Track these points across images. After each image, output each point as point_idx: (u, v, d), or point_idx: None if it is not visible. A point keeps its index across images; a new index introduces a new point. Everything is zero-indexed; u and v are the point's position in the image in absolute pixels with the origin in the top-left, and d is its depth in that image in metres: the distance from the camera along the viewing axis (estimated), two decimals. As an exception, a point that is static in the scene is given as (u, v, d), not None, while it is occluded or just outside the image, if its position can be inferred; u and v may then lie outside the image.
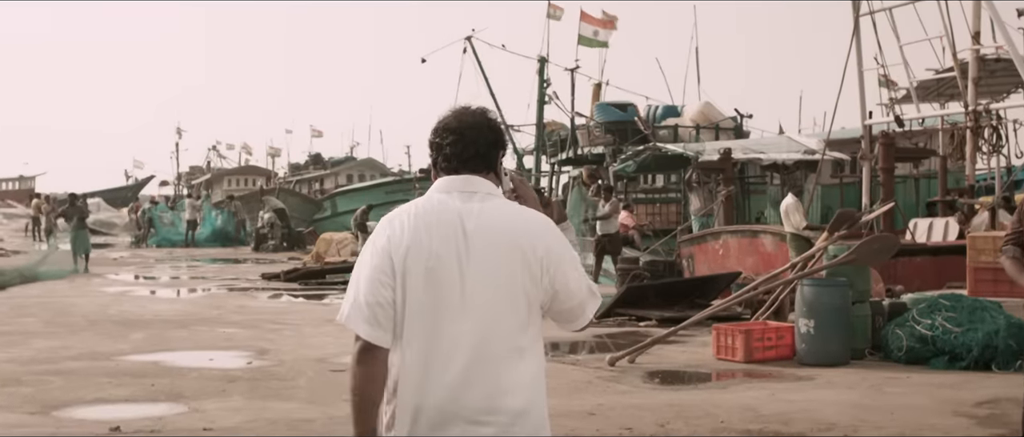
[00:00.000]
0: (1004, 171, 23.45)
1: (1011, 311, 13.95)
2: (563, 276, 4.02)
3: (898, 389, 12.35)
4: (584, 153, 34.79)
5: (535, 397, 3.97)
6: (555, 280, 4.00)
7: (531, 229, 4.03)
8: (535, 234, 4.00)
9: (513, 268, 3.95)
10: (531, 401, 3.95)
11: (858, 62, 24.38)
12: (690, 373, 13.84)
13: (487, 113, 4.16)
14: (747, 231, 23.41)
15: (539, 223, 4.06)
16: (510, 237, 3.97)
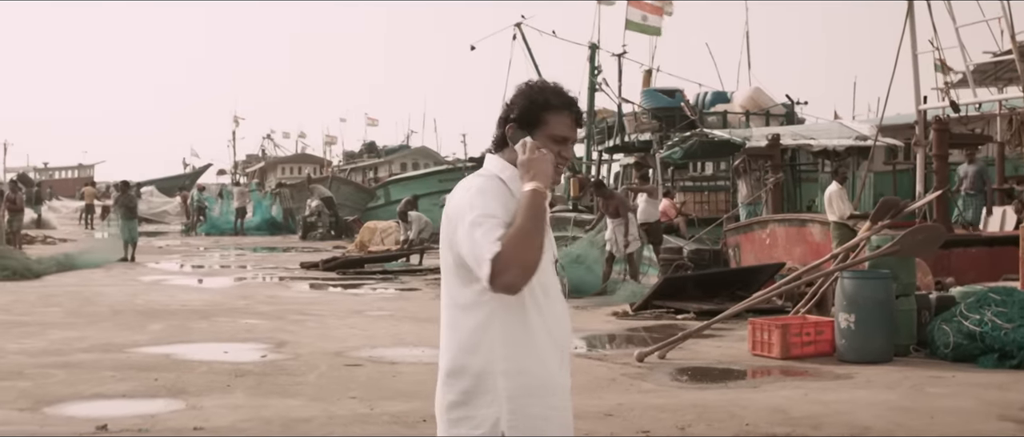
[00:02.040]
0: (1065, 158, 22.51)
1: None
2: (456, 232, 4.04)
3: (941, 389, 11.56)
4: (631, 140, 34.09)
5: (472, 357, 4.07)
6: (454, 235, 4.05)
7: (454, 191, 4.19)
8: (453, 194, 4.16)
9: (445, 230, 4.15)
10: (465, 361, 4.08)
11: (912, 45, 23.49)
12: (722, 370, 13.09)
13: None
14: (795, 220, 22.66)
15: (462, 185, 4.18)
16: (448, 204, 4.17)
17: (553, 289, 4.17)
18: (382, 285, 25.06)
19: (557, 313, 4.18)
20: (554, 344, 4.14)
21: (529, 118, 4.11)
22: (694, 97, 34.44)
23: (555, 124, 4.11)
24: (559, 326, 4.17)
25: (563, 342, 4.19)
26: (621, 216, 21.64)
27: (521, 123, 4.11)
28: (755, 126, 31.24)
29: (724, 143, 27.82)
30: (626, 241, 21.44)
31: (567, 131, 4.14)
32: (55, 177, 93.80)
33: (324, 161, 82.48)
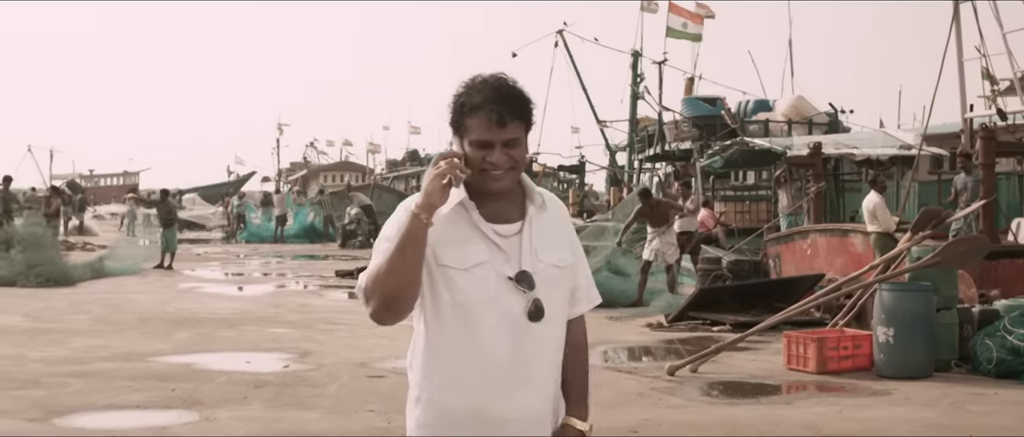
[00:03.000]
0: (1114, 168, 21.89)
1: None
2: None
3: (982, 407, 11.10)
4: (671, 149, 33.69)
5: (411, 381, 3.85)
6: None
7: None
8: None
9: None
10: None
11: (958, 52, 23.07)
12: (755, 385, 12.65)
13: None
14: (837, 230, 22.13)
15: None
16: None
17: (495, 310, 3.65)
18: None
19: (495, 338, 3.64)
20: (486, 371, 3.64)
21: (455, 124, 3.69)
22: (736, 105, 34.00)
23: (473, 127, 3.61)
24: (498, 351, 3.64)
25: (505, 369, 3.65)
26: (665, 225, 21.28)
27: (453, 131, 3.72)
28: (797, 135, 30.77)
29: (765, 152, 27.34)
30: (669, 251, 21.08)
31: (485, 133, 3.59)
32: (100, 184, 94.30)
33: (366, 169, 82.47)
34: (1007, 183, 25.70)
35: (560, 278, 3.75)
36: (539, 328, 3.67)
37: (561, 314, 3.77)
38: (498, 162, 3.61)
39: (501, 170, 3.62)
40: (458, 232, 3.65)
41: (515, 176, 3.69)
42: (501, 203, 3.69)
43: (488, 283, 3.64)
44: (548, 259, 3.70)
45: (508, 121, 3.60)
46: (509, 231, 3.69)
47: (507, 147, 3.61)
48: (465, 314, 3.65)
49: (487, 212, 3.67)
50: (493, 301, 3.64)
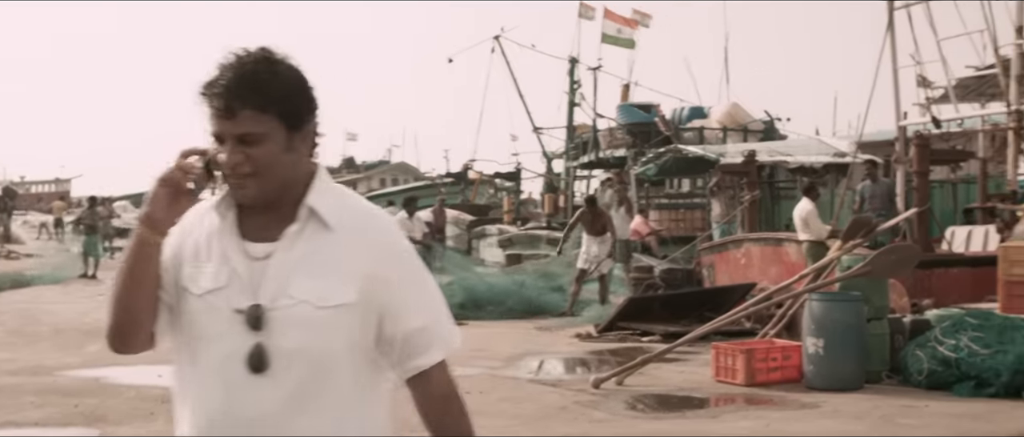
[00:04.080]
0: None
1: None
2: None
3: (913, 420, 10.80)
4: (606, 156, 33.44)
5: None
6: None
7: None
8: None
9: None
10: None
11: (892, 59, 22.89)
12: (682, 398, 12.29)
13: None
14: (771, 239, 21.92)
15: None
16: None
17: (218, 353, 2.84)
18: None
19: (210, 390, 2.84)
20: (196, 420, 2.87)
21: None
22: (671, 112, 33.82)
23: (208, 117, 2.83)
24: (211, 407, 2.84)
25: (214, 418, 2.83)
26: (606, 233, 20.97)
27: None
28: (732, 142, 30.63)
29: (699, 160, 27.14)
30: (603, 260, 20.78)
31: (214, 125, 2.81)
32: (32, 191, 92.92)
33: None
34: (941, 191, 25.64)
35: (322, 322, 2.81)
36: (265, 384, 2.80)
37: (315, 369, 2.82)
38: (230, 163, 2.81)
39: (237, 175, 2.83)
40: (209, 247, 2.90)
41: (262, 184, 2.84)
42: (269, 215, 2.87)
43: (219, 316, 2.84)
44: (302, 293, 2.81)
45: (238, 109, 2.77)
46: (260, 252, 2.86)
47: (244, 144, 2.79)
48: (192, 355, 2.88)
49: (251, 225, 2.89)
50: (218, 339, 2.84)
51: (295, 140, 2.85)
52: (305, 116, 2.88)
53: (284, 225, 2.84)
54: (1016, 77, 21.30)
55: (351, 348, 2.86)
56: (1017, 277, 14.15)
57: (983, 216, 21.81)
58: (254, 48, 2.85)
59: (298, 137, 2.85)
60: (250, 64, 2.80)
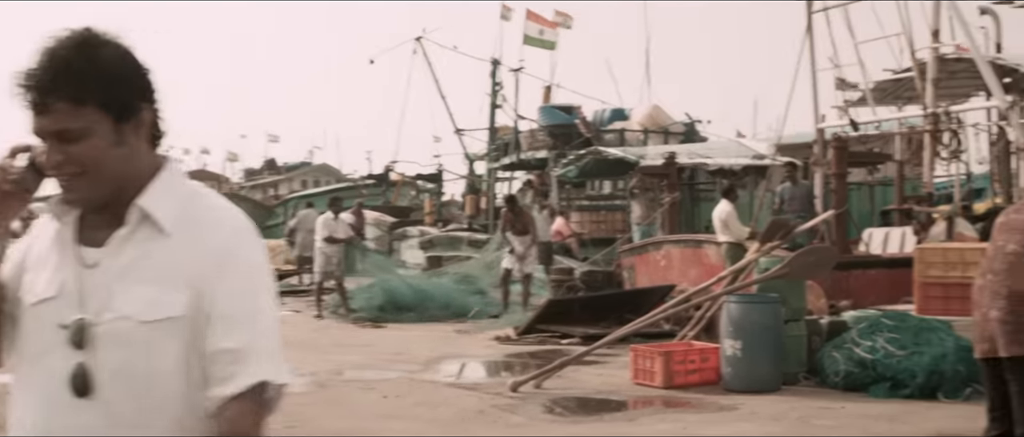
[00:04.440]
0: (963, 178, 22.02)
1: (961, 332, 12.38)
2: None
3: (829, 422, 10.80)
4: (527, 158, 33.36)
5: None
6: None
7: None
8: None
9: None
10: None
11: (811, 62, 23.06)
12: (600, 401, 12.22)
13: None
14: (690, 241, 21.94)
15: None
16: None
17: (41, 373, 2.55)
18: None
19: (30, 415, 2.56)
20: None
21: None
22: (593, 114, 33.80)
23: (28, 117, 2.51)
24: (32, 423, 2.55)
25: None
26: (529, 234, 20.86)
27: None
28: (653, 144, 30.64)
29: (619, 162, 27.13)
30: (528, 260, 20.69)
31: (31, 123, 2.49)
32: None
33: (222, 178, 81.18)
34: (858, 193, 25.81)
35: (148, 339, 2.47)
36: (89, 409, 2.48)
37: (142, 391, 2.47)
38: (50, 163, 2.51)
39: (62, 175, 2.52)
40: (49, 252, 2.61)
41: (91, 184, 2.52)
42: (105, 217, 2.57)
43: (44, 331, 2.54)
44: (125, 306, 2.48)
45: (51, 103, 2.45)
46: (91, 259, 2.54)
47: (63, 141, 2.48)
48: (19, 373, 2.60)
49: (88, 227, 2.59)
50: (41, 357, 2.54)
51: (126, 133, 2.52)
52: (135, 105, 2.54)
53: (117, 228, 2.55)
54: (932, 80, 21.47)
55: (183, 367, 2.49)
56: (932, 278, 14.21)
57: (900, 218, 21.94)
58: (74, 30, 2.52)
59: (129, 129, 2.52)
60: (63, 51, 2.47)
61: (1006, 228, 6.59)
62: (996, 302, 6.47)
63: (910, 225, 20.73)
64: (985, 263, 6.72)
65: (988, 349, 6.55)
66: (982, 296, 6.65)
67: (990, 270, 6.60)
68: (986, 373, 6.72)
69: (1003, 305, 6.41)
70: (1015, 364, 6.38)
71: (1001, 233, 6.64)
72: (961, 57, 22.76)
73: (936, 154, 21.60)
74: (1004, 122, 21.21)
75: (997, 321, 6.43)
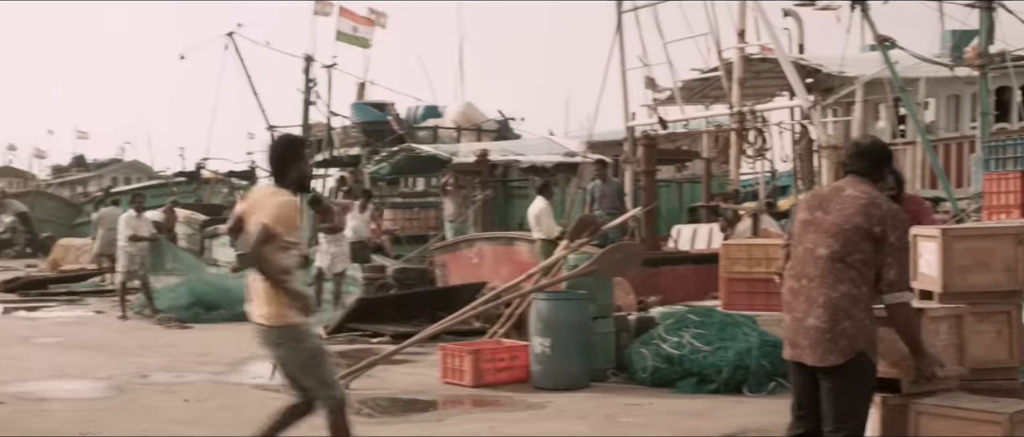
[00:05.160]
0: (768, 175, 22.48)
1: (765, 327, 12.59)
2: None
3: (635, 419, 10.84)
4: (340, 155, 33.01)
5: None
6: None
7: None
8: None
9: None
10: None
11: (621, 61, 23.34)
12: (408, 400, 12.07)
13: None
14: (503, 238, 21.97)
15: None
16: None
17: None
18: (65, 309, 23.08)
19: None
20: None
21: None
22: (407, 111, 33.63)
23: None
24: None
25: None
26: (338, 232, 20.56)
27: None
28: (466, 142, 30.62)
29: (432, 159, 27.04)
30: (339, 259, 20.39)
31: None
32: None
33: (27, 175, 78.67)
34: (667, 190, 26.16)
35: None
36: None
37: None
38: None
39: None
40: None
41: None
42: None
43: None
44: None
45: None
46: None
47: None
48: None
49: None
50: None
51: None
52: None
53: None
54: (738, 80, 21.89)
55: None
56: (737, 274, 14.44)
57: (707, 215, 22.31)
58: None
59: None
60: None
61: (814, 228, 6.55)
62: (813, 310, 6.45)
63: (717, 222, 21.08)
64: (796, 265, 6.66)
65: (801, 355, 6.52)
66: (796, 300, 6.58)
67: (804, 274, 6.55)
68: (795, 375, 6.69)
69: (821, 313, 6.40)
70: (831, 372, 6.38)
71: (808, 233, 6.59)
72: (766, 57, 23.32)
73: (742, 152, 22.03)
74: (807, 121, 21.71)
75: (814, 329, 6.42)
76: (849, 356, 6.35)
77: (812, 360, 6.45)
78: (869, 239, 6.38)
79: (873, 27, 19.23)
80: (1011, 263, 7.35)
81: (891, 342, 6.62)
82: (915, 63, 20.74)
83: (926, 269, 7.48)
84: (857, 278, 6.39)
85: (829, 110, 25.06)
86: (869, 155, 6.75)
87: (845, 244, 6.41)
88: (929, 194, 19.24)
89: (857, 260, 6.39)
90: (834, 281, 6.40)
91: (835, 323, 6.36)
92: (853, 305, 6.36)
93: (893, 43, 19.22)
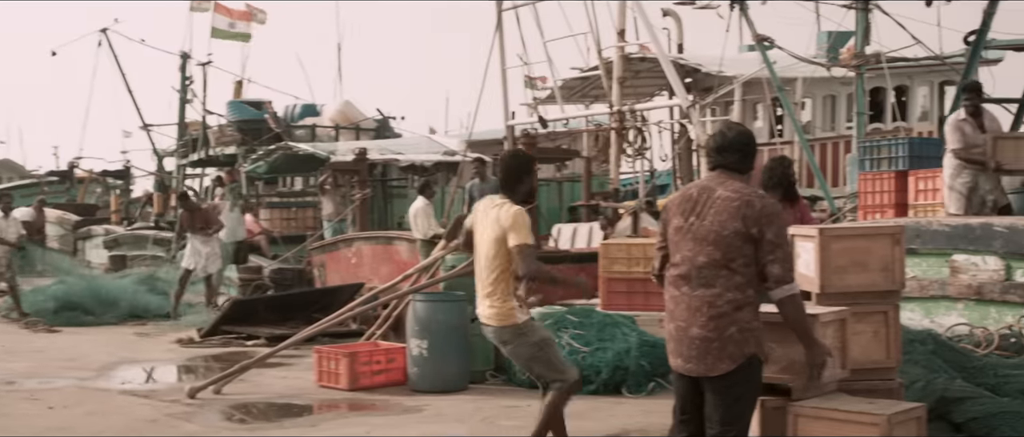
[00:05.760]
0: (648, 174, 22.50)
1: (645, 327, 12.53)
2: None
3: (514, 421, 10.65)
4: (216, 154, 32.48)
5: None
6: None
7: None
8: None
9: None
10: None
11: (501, 59, 23.16)
12: (282, 405, 11.78)
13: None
14: (382, 238, 21.72)
15: None
16: None
17: None
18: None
19: None
20: None
21: None
22: (284, 110, 33.17)
23: None
24: None
25: None
26: (206, 232, 20.13)
27: None
28: (345, 140, 30.30)
29: (309, 157, 26.73)
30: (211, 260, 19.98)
31: None
32: None
33: None
34: (547, 190, 26.13)
35: None
36: None
37: None
38: None
39: None
40: None
41: None
42: None
43: None
44: None
45: None
46: None
47: None
48: None
49: None
50: None
51: None
52: None
53: None
54: (618, 79, 21.87)
55: None
56: (616, 274, 14.39)
57: (587, 214, 22.27)
58: None
59: None
60: None
61: (692, 235, 6.31)
62: (697, 319, 6.25)
63: (597, 221, 21.04)
64: (676, 273, 6.41)
65: (688, 366, 6.30)
66: (678, 308, 6.37)
67: (684, 283, 6.33)
68: (679, 381, 6.48)
69: (705, 322, 6.20)
70: (719, 380, 6.21)
71: (685, 240, 6.35)
72: (645, 57, 23.37)
73: (622, 151, 21.99)
74: (686, 120, 21.74)
75: (700, 339, 6.22)
76: (739, 361, 6.19)
77: (701, 371, 6.26)
78: (749, 242, 6.20)
79: (752, 27, 19.34)
80: (888, 263, 7.31)
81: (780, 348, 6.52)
82: (793, 63, 20.90)
83: (804, 269, 7.42)
84: (741, 282, 6.22)
85: (708, 110, 25.25)
86: (737, 147, 6.45)
87: (726, 251, 6.22)
88: (807, 193, 19.36)
89: (739, 265, 6.21)
90: (718, 289, 6.21)
91: (722, 331, 6.18)
92: (738, 310, 6.20)
93: (771, 43, 19.32)
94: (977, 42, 16.86)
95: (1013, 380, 9.25)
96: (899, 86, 23.90)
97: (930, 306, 12.16)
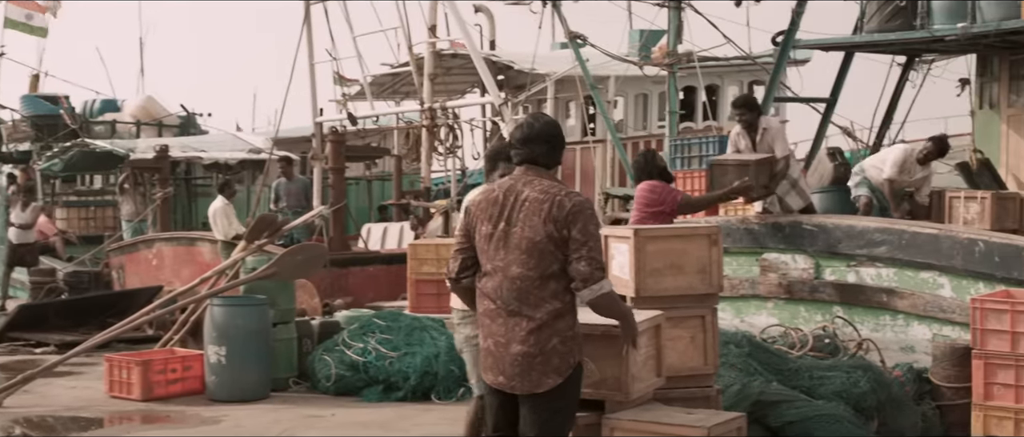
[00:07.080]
0: (460, 173, 22.18)
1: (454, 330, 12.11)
2: None
3: (316, 432, 10.20)
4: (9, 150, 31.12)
5: None
6: None
7: None
8: None
9: None
10: None
11: (309, 55, 22.58)
12: (70, 418, 11.04)
13: None
14: (184, 239, 21.02)
15: None
16: None
17: None
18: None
19: None
20: None
21: None
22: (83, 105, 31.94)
23: None
24: None
25: None
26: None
27: None
28: (147, 137, 29.27)
29: (109, 155, 25.70)
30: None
31: None
32: None
33: None
34: (357, 188, 25.66)
35: None
36: None
37: None
38: None
39: None
40: None
41: None
42: None
43: None
44: None
45: None
46: None
47: None
48: None
49: None
50: None
51: None
52: None
53: None
54: (429, 76, 21.48)
55: None
56: (425, 276, 14.01)
57: (398, 213, 21.93)
58: None
59: None
60: None
61: (504, 244, 5.86)
62: (516, 334, 5.79)
63: (408, 220, 20.69)
64: (489, 284, 5.92)
65: (510, 385, 5.83)
66: (494, 323, 5.89)
67: (500, 296, 5.85)
68: (493, 397, 6.01)
69: (525, 338, 5.72)
70: (542, 396, 5.77)
71: (497, 250, 5.89)
72: (457, 53, 23.02)
73: (433, 149, 21.63)
74: (498, 118, 21.45)
75: (522, 356, 5.74)
76: (566, 374, 5.78)
77: (526, 388, 5.81)
78: (562, 246, 5.78)
79: (565, 24, 19.09)
80: (705, 265, 7.04)
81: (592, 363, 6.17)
82: (606, 61, 20.72)
83: (618, 272, 7.10)
84: (559, 290, 5.79)
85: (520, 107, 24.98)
86: (545, 138, 5.98)
87: (540, 259, 5.78)
88: (619, 192, 19.26)
89: (556, 271, 5.78)
90: (536, 301, 5.76)
91: (543, 344, 5.73)
92: (558, 318, 5.78)
93: (584, 41, 19.13)
94: (785, 42, 16.86)
95: (828, 382, 9.15)
96: (710, 85, 23.96)
97: (740, 305, 12.09)
